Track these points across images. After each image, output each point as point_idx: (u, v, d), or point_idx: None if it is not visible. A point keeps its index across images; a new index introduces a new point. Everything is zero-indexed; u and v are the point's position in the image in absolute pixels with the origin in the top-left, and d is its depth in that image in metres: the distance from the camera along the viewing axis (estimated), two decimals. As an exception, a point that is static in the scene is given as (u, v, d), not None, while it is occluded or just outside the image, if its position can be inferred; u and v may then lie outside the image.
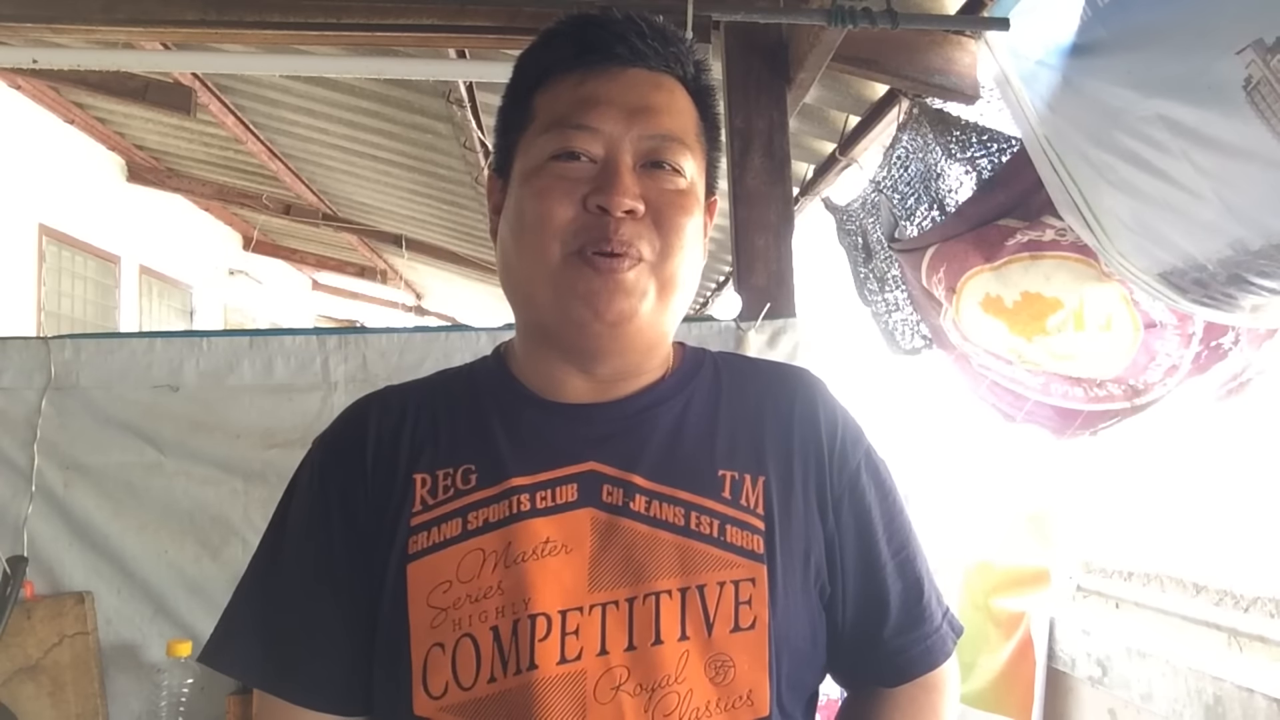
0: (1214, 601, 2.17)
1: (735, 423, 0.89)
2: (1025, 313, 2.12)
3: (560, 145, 0.83)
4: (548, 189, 0.83)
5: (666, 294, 0.85)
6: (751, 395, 0.91)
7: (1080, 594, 2.71)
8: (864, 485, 0.89)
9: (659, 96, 0.86)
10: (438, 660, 0.79)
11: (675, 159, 0.85)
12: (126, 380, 1.99)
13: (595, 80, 0.85)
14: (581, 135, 0.83)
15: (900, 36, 2.09)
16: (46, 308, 5.53)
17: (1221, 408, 2.05)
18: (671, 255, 0.84)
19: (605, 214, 0.81)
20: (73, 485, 1.96)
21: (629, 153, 0.83)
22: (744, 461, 0.86)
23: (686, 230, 0.85)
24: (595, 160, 0.83)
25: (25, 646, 1.87)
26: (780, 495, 0.85)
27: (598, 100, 0.84)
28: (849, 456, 0.90)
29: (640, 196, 0.82)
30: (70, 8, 2.17)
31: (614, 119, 0.83)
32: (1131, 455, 2.55)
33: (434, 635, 0.79)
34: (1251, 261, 1.42)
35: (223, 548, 1.98)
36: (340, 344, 2.04)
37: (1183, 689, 1.92)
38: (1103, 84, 1.56)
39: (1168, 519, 2.54)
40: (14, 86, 5.00)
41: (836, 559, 0.87)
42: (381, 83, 3.69)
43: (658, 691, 0.77)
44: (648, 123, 0.84)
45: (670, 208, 0.84)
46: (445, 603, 0.79)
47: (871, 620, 0.89)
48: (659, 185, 0.84)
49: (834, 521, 0.87)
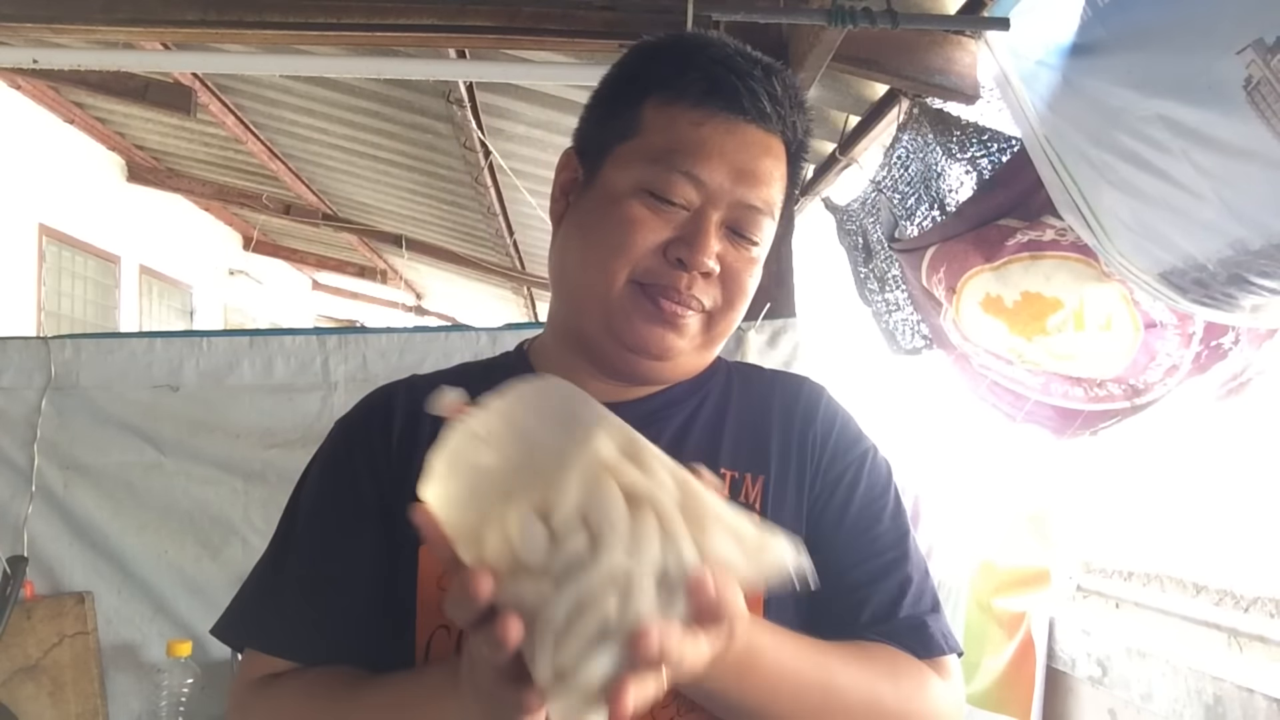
0: (1214, 601, 2.17)
1: (742, 425, 0.90)
2: (1025, 313, 2.12)
3: (662, 186, 0.83)
4: (634, 222, 0.83)
5: (715, 340, 0.89)
6: (759, 399, 0.93)
7: (1080, 594, 2.71)
8: (854, 485, 0.90)
9: (765, 164, 0.86)
10: (442, 642, 0.80)
11: (758, 233, 0.87)
12: (126, 380, 1.99)
13: (715, 127, 0.84)
14: (684, 183, 0.83)
15: (900, 36, 2.09)
16: (46, 308, 5.53)
17: (1221, 408, 2.05)
18: (731, 311, 0.87)
19: (682, 267, 0.83)
20: (73, 485, 1.96)
21: (721, 212, 0.84)
22: (747, 462, 0.87)
23: (748, 290, 0.88)
24: (688, 208, 0.84)
25: (25, 646, 1.87)
26: (776, 495, 0.87)
27: (711, 153, 0.83)
28: (841, 457, 0.91)
29: (719, 258, 0.84)
30: (70, 8, 2.17)
31: (721, 175, 0.83)
32: (1131, 455, 2.55)
33: (440, 617, 0.80)
34: (1252, 261, 1.42)
35: (223, 548, 1.99)
36: (340, 344, 2.04)
37: (1183, 689, 1.92)
38: (1103, 84, 1.56)
39: (1168, 519, 2.54)
40: (14, 86, 5.00)
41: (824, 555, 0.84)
42: (381, 83, 3.69)
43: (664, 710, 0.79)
44: (749, 189, 0.84)
45: (742, 273, 0.87)
46: None
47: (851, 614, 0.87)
48: (737, 251, 0.86)
49: (821, 516, 0.88)
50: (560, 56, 2.70)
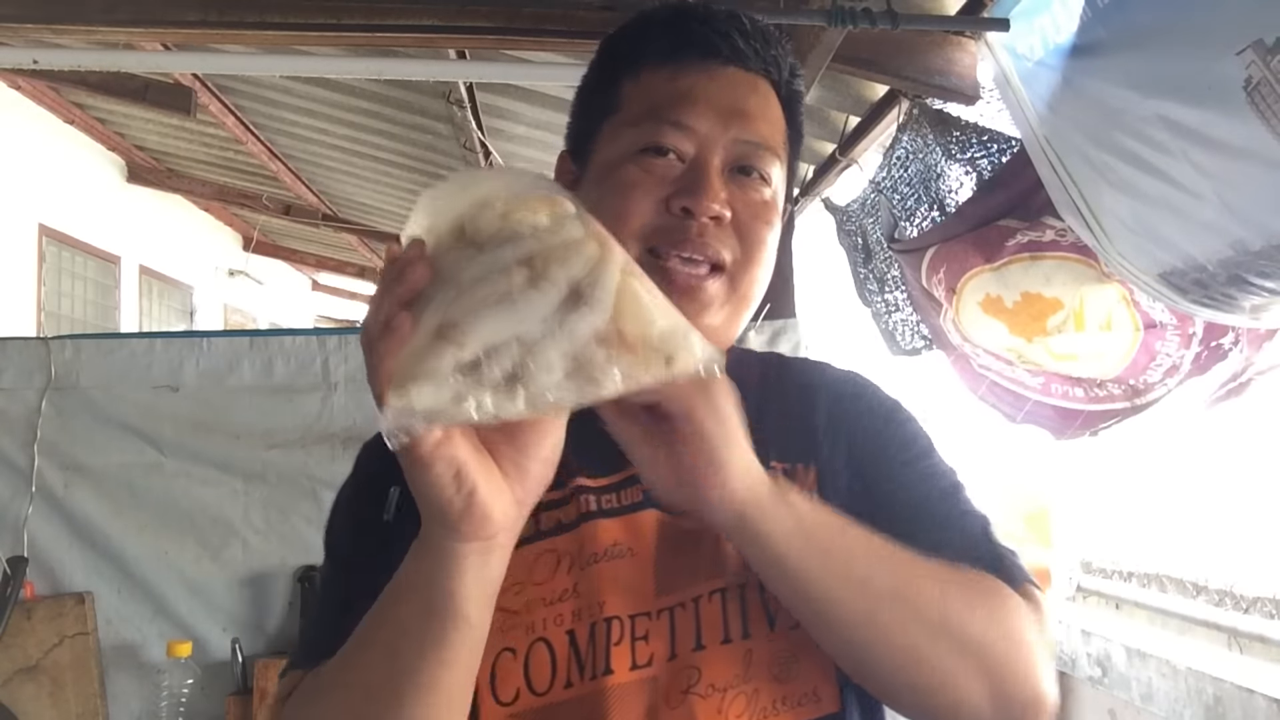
0: (1214, 601, 2.18)
1: (787, 416, 0.86)
2: (1025, 313, 2.12)
3: (650, 140, 0.80)
4: (631, 184, 0.79)
5: (740, 305, 0.83)
6: (801, 387, 0.89)
7: (1080, 594, 2.71)
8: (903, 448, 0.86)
9: (755, 100, 0.82)
10: (508, 666, 0.76)
11: (765, 167, 0.82)
12: (126, 380, 1.99)
13: (692, 76, 0.81)
14: (674, 132, 0.79)
15: (900, 37, 2.09)
16: (46, 308, 5.54)
17: (1222, 408, 2.05)
18: (751, 266, 0.81)
19: (689, 217, 0.77)
20: (73, 486, 1.96)
21: (720, 156, 0.80)
22: (795, 452, 0.84)
23: (768, 242, 0.82)
24: (684, 159, 0.80)
25: (25, 646, 1.87)
26: (830, 482, 0.83)
27: (694, 98, 0.80)
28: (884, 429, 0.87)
29: (727, 203, 0.79)
30: (70, 8, 2.17)
31: (709, 119, 0.79)
32: (1131, 455, 2.55)
33: (504, 640, 0.76)
34: (1251, 262, 1.42)
35: (223, 548, 1.99)
36: (340, 344, 2.04)
37: (1183, 689, 1.92)
38: (1103, 84, 1.56)
39: (1168, 519, 2.54)
40: (14, 87, 5.00)
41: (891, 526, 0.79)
42: (381, 83, 3.69)
43: (729, 692, 0.75)
44: (743, 127, 0.80)
45: (756, 219, 0.81)
46: (517, 605, 0.76)
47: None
48: (746, 194, 0.81)
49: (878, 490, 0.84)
50: (560, 57, 2.69)
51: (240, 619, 1.97)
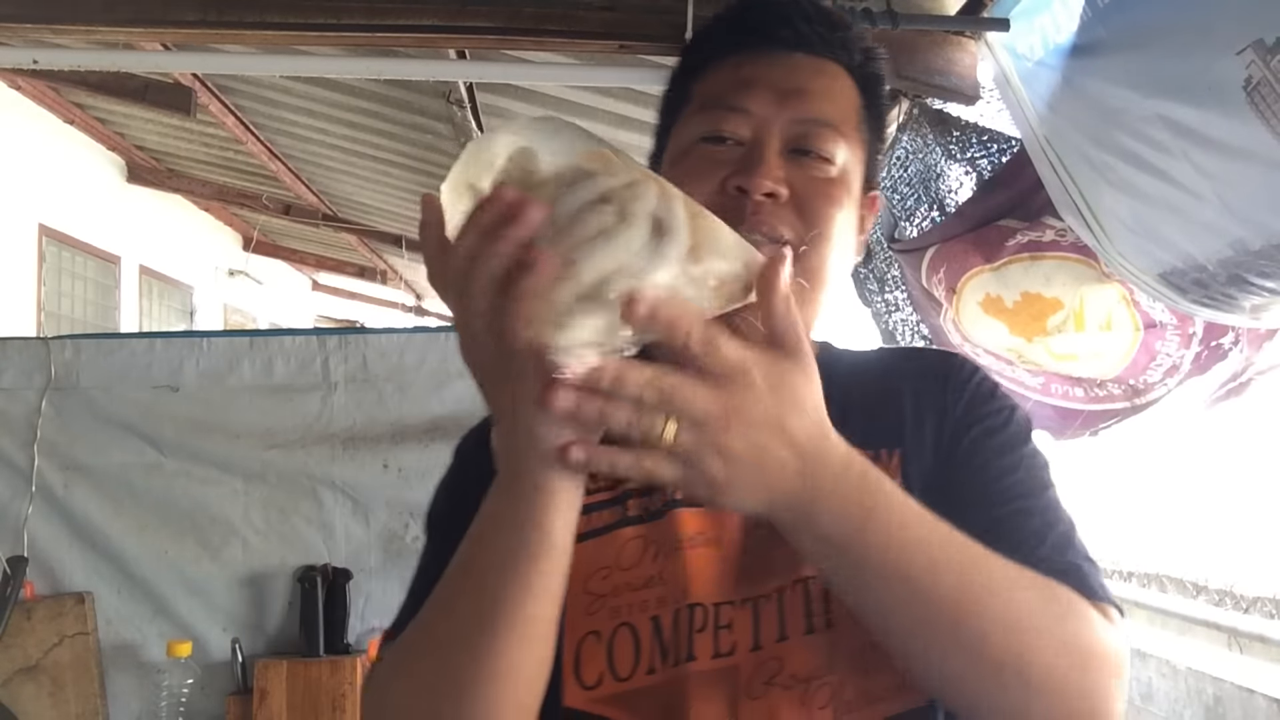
0: (1214, 601, 2.18)
1: (871, 400, 0.84)
2: (1025, 313, 2.12)
3: (709, 127, 0.81)
4: (692, 170, 0.80)
5: (817, 287, 0.79)
6: (887, 371, 0.88)
7: (1080, 594, 2.71)
8: (986, 436, 0.82)
9: (817, 81, 0.82)
10: (592, 649, 0.76)
11: (825, 146, 0.80)
12: (126, 380, 1.99)
13: (753, 64, 0.82)
14: (730, 117, 0.80)
15: (900, 37, 2.08)
16: (46, 308, 5.54)
17: (1222, 408, 2.05)
18: (817, 244, 0.78)
19: (744, 195, 0.77)
20: (73, 485, 1.96)
21: (777, 136, 0.79)
22: (880, 438, 0.81)
23: (835, 220, 0.79)
24: (742, 143, 0.80)
25: (25, 646, 1.87)
26: (915, 467, 0.80)
27: (751, 82, 0.80)
28: (973, 412, 0.83)
29: (784, 181, 0.78)
30: (70, 8, 2.17)
31: (765, 101, 0.79)
32: (1131, 455, 2.55)
33: (589, 623, 0.77)
34: (1251, 262, 1.42)
35: (223, 548, 1.99)
36: (340, 344, 2.04)
37: (1183, 689, 1.92)
38: (1103, 84, 1.56)
39: (1167, 519, 2.55)
40: (14, 87, 5.00)
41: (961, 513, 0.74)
42: (381, 83, 3.69)
43: (812, 683, 0.73)
44: (800, 106, 0.80)
45: (816, 196, 0.79)
46: (604, 589, 0.77)
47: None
48: (806, 172, 0.79)
49: (955, 474, 0.80)
50: (560, 57, 2.70)
51: (240, 619, 1.97)
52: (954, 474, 0.80)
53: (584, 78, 2.91)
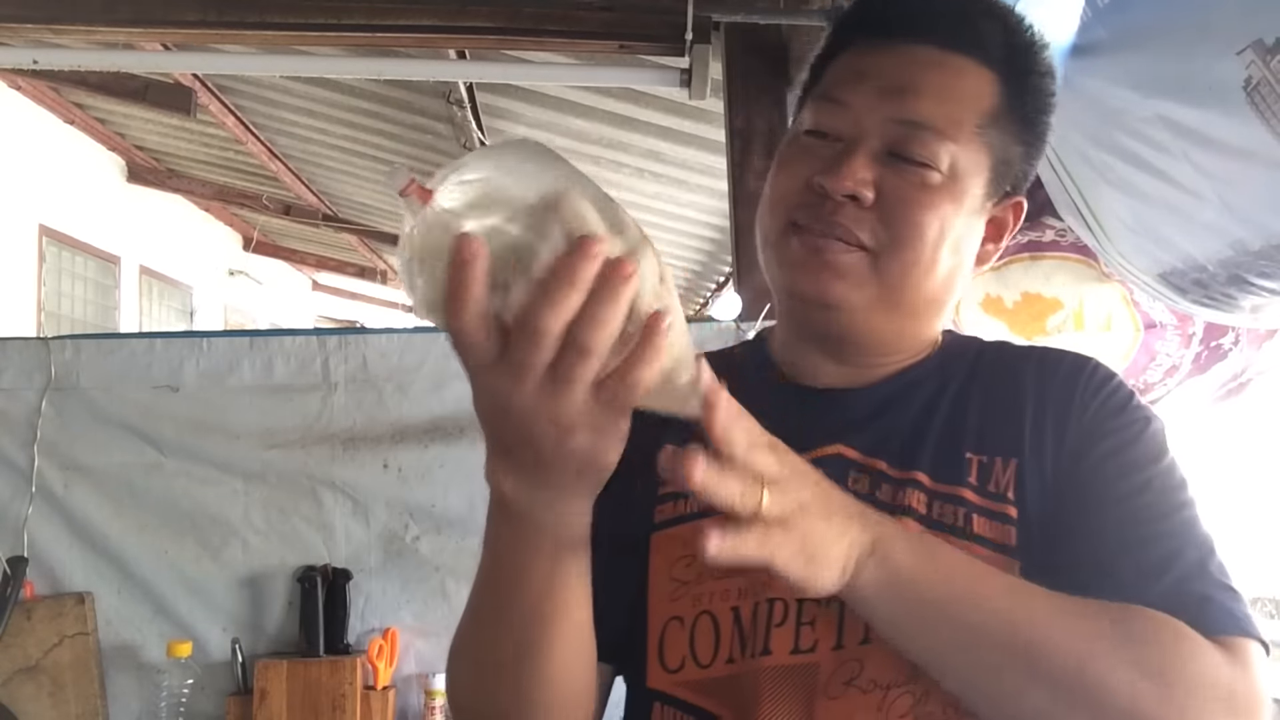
0: (1214, 602, 2.17)
1: (991, 405, 0.79)
2: (1025, 313, 2.12)
3: (812, 120, 0.78)
4: (785, 164, 0.78)
5: (896, 294, 0.76)
6: (1013, 376, 0.81)
7: (1080, 594, 2.71)
8: (1112, 453, 0.76)
9: (931, 76, 0.75)
10: (675, 634, 0.77)
11: (927, 151, 0.74)
12: (126, 381, 1.99)
13: (871, 55, 0.77)
14: (831, 111, 0.76)
15: (900, 37, 2.09)
16: (46, 308, 5.54)
17: (1221, 408, 2.05)
18: (901, 250, 0.74)
19: (825, 195, 0.74)
20: (73, 486, 1.96)
21: (875, 136, 0.75)
22: (995, 445, 0.77)
23: (926, 227, 0.74)
24: (841, 140, 0.76)
25: (25, 646, 1.87)
26: (1031, 478, 0.75)
27: (861, 75, 0.76)
28: (1101, 425, 0.77)
29: (871, 183, 0.73)
30: (70, 8, 2.17)
31: (866, 96, 0.75)
32: (1131, 455, 2.55)
33: (673, 608, 0.77)
34: (1251, 262, 1.42)
35: (223, 548, 1.99)
36: (340, 344, 2.04)
37: (1183, 689, 1.92)
38: (1102, 84, 1.56)
39: (1168, 519, 2.54)
40: (14, 87, 5.01)
41: (1075, 533, 0.74)
42: (381, 83, 3.69)
43: (892, 690, 0.71)
44: (902, 105, 0.74)
45: (905, 201, 0.74)
46: (688, 576, 0.77)
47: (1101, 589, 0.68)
48: (901, 178, 0.74)
49: (1071, 487, 0.75)
50: (560, 57, 2.70)
51: (240, 619, 1.97)
52: (1076, 493, 0.75)
53: (584, 78, 2.92)
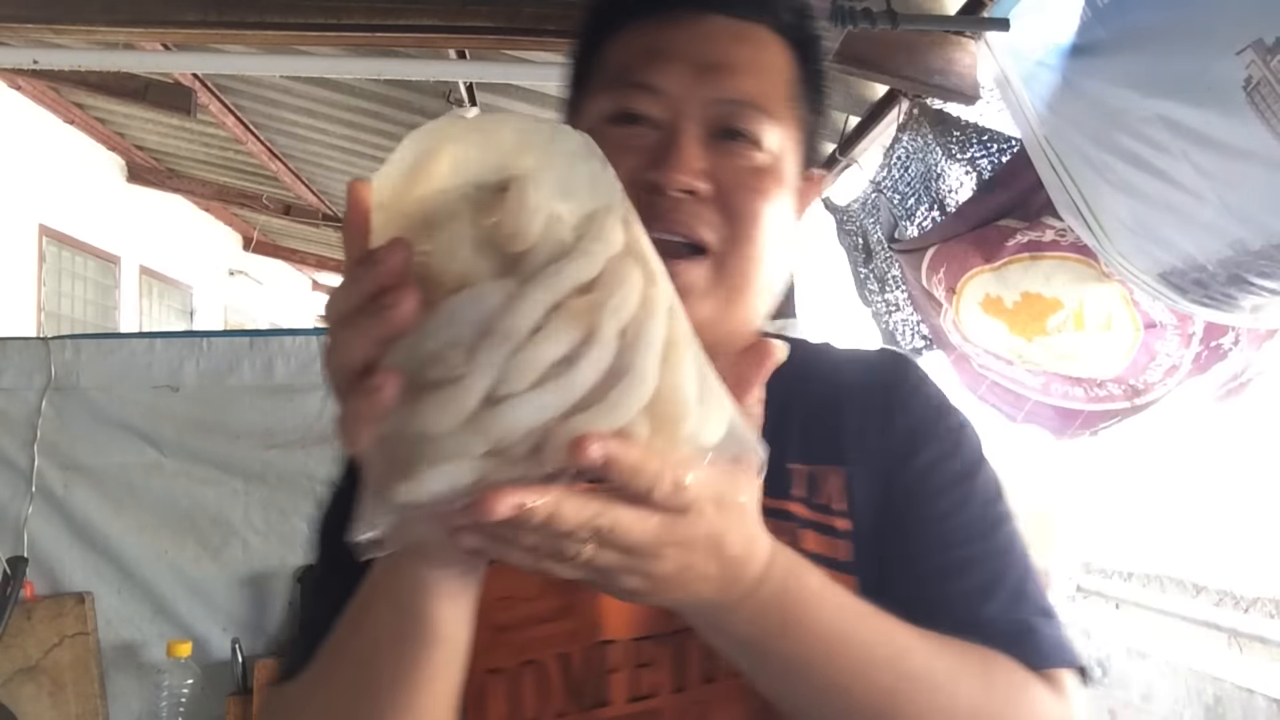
0: (1214, 602, 2.18)
1: (814, 412, 0.74)
2: (1025, 313, 2.12)
3: (616, 106, 0.70)
4: None
5: (738, 294, 0.69)
6: (835, 381, 0.77)
7: (1080, 594, 2.71)
8: (935, 466, 0.73)
9: (741, 51, 0.70)
10: (495, 690, 0.67)
11: (753, 128, 0.69)
12: (126, 381, 1.99)
13: (666, 29, 0.70)
14: (641, 96, 0.69)
15: (900, 37, 2.08)
16: (46, 308, 5.53)
17: (1221, 408, 2.05)
18: (743, 246, 0.68)
19: (658, 192, 0.66)
20: (73, 486, 1.96)
21: (696, 120, 0.68)
22: (821, 453, 0.72)
23: (764, 216, 0.69)
24: (658, 126, 0.69)
25: (25, 647, 1.87)
26: (858, 488, 0.71)
27: (663, 53, 0.69)
28: (923, 434, 0.74)
29: (706, 174, 0.67)
30: (71, 8, 2.17)
31: (680, 77, 0.68)
32: (1131, 455, 2.55)
33: (489, 659, 0.67)
34: (1251, 262, 1.42)
35: (223, 548, 1.99)
36: (340, 344, 2.04)
37: (1183, 689, 1.92)
38: (1103, 84, 1.56)
39: (1168, 519, 2.55)
40: (14, 87, 5.00)
41: (900, 549, 0.71)
42: (381, 83, 3.69)
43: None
44: (722, 83, 0.69)
45: (743, 189, 0.69)
46: (505, 621, 0.69)
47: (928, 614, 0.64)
48: (732, 162, 0.69)
49: (897, 503, 0.72)
50: (560, 57, 2.69)
51: (240, 619, 1.97)
52: (900, 503, 0.71)
53: (584, 78, 2.91)
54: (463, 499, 0.42)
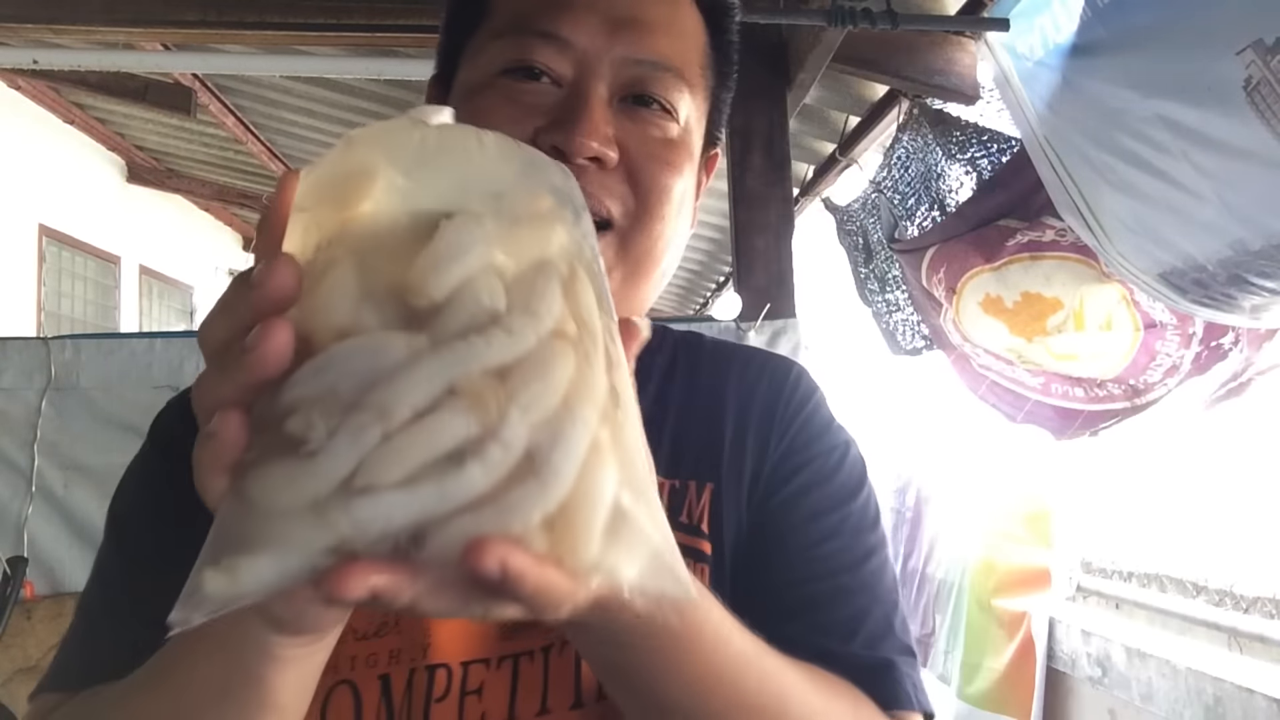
0: (1214, 601, 2.18)
1: (687, 420, 0.68)
2: (1025, 313, 2.13)
3: (515, 56, 0.62)
4: (490, 112, 0.61)
5: (639, 273, 0.64)
6: (712, 385, 0.70)
7: (1080, 594, 2.71)
8: (810, 487, 0.68)
9: (657, 9, 0.64)
10: (342, 701, 0.60)
11: (668, 95, 0.63)
12: (126, 381, 1.99)
13: None
14: (545, 46, 0.61)
15: (900, 37, 2.09)
16: (46, 308, 5.54)
17: (1222, 408, 2.05)
18: (648, 223, 0.63)
19: (561, 158, 0.58)
20: (73, 485, 1.96)
21: (605, 80, 0.62)
22: (692, 467, 0.66)
23: (673, 192, 0.63)
24: (560, 83, 0.62)
25: (25, 646, 1.87)
26: (728, 506, 0.65)
27: (573, 3, 0.62)
28: (801, 451, 0.68)
29: (614, 140, 0.61)
30: (71, 8, 2.17)
31: (592, 30, 0.61)
32: (1131, 455, 2.56)
33: (338, 672, 0.59)
34: (1251, 262, 1.42)
35: (223, 548, 1.99)
36: (340, 344, 2.04)
37: (1183, 689, 1.92)
38: (1103, 84, 1.56)
39: (1167, 519, 2.55)
40: (14, 87, 5.01)
41: (765, 572, 0.66)
42: (381, 83, 3.69)
43: None
44: (638, 41, 0.62)
45: (653, 161, 0.63)
46: None
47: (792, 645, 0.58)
48: (642, 130, 0.63)
49: (766, 521, 0.66)
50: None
51: (240, 619, 1.98)
52: (773, 522, 0.66)
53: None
54: (298, 583, 0.34)
